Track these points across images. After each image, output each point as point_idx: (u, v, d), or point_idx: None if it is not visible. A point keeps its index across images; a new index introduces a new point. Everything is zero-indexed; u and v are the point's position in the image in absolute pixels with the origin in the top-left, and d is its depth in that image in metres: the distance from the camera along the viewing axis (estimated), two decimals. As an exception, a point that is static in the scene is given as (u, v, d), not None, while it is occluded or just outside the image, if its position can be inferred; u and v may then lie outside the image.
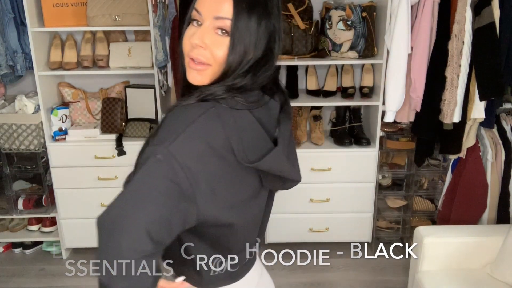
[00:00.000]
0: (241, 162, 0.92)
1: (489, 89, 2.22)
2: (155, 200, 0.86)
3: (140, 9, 2.51)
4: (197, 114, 0.91)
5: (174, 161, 0.86)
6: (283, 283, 2.62)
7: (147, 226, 0.85)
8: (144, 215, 0.85)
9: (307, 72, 2.82)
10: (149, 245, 0.85)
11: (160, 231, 0.87)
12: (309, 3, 2.61)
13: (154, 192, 0.86)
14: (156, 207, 0.86)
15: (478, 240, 2.05)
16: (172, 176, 0.86)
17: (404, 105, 2.44)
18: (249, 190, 1.00)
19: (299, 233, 2.80)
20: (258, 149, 0.96)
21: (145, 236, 0.85)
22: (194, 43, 0.94)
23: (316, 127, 2.79)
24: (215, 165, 0.91)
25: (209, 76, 0.96)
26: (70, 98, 2.77)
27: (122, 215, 0.86)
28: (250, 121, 0.96)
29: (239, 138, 0.92)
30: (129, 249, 0.85)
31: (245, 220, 1.03)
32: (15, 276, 2.73)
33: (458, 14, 2.18)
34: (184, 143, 0.88)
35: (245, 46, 0.93)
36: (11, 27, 2.54)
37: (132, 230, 0.85)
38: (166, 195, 0.86)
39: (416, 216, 2.82)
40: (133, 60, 2.65)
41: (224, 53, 0.94)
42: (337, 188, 2.73)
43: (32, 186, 2.83)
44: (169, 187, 0.86)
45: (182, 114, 0.93)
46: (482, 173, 2.38)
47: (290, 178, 1.05)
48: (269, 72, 0.99)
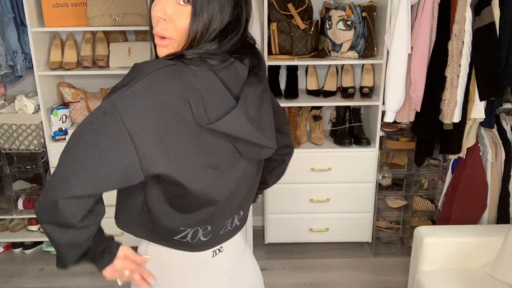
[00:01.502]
0: (199, 123, 0.89)
1: (489, 89, 2.22)
2: (92, 152, 0.88)
3: (140, 9, 2.52)
4: (151, 69, 0.88)
5: (116, 114, 0.86)
6: (283, 283, 2.62)
7: (82, 177, 0.88)
8: (81, 168, 0.88)
9: (307, 72, 2.82)
10: (83, 191, 0.89)
11: (96, 184, 0.89)
12: (309, 3, 2.62)
13: (93, 143, 0.87)
14: (93, 160, 0.88)
15: (478, 240, 2.05)
16: (114, 129, 0.86)
17: (404, 105, 2.44)
18: (219, 157, 0.97)
19: (299, 233, 2.81)
20: (220, 110, 0.91)
21: (81, 185, 0.89)
22: (157, 16, 0.94)
23: (316, 127, 2.79)
24: (165, 121, 0.88)
25: (175, 48, 0.95)
26: (70, 98, 2.77)
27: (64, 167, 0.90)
28: (213, 81, 0.92)
29: (199, 98, 0.89)
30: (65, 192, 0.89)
31: (215, 188, 1.00)
32: (15, 276, 2.73)
33: (458, 14, 2.18)
34: (131, 97, 0.86)
35: (208, 14, 0.91)
36: (11, 27, 2.54)
37: (69, 179, 0.89)
38: (105, 148, 0.87)
39: (416, 216, 2.82)
40: (133, 60, 2.64)
41: (186, 23, 0.92)
42: (337, 188, 2.73)
43: (32, 186, 2.83)
44: (109, 140, 0.87)
45: (138, 67, 0.90)
46: (482, 173, 2.38)
47: (258, 143, 0.98)
48: (236, 38, 0.96)
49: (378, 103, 2.58)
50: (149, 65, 0.89)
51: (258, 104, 1.00)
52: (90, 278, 2.64)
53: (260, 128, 0.99)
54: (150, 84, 0.87)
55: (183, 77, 0.89)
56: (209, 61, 0.92)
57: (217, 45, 0.93)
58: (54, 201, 0.89)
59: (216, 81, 0.92)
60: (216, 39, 0.93)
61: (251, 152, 1.02)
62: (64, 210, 0.90)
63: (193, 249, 1.08)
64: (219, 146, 0.95)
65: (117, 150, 0.88)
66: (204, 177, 0.96)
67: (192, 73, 0.89)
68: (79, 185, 0.89)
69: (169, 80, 0.88)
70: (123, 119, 0.86)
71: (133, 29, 2.71)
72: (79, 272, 2.70)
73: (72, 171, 0.89)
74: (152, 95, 0.86)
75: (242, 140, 0.97)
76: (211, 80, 0.91)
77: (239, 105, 0.93)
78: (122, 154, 0.88)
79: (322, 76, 2.85)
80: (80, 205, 0.91)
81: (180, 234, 1.04)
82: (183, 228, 1.03)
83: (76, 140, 0.90)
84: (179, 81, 0.88)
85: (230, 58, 0.96)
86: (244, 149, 0.99)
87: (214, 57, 0.93)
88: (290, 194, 2.74)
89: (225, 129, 0.92)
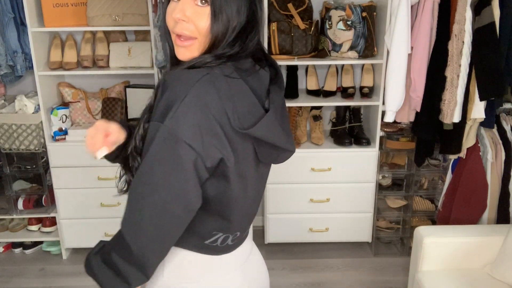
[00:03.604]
0: (236, 128, 0.92)
1: (489, 89, 2.21)
2: (170, 180, 0.90)
3: (140, 9, 2.51)
4: (192, 82, 0.90)
5: (176, 137, 0.88)
6: (283, 283, 2.62)
7: (167, 207, 0.91)
8: (161, 198, 0.90)
9: (307, 72, 2.82)
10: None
11: (181, 204, 0.92)
12: (309, 3, 2.62)
13: (168, 171, 0.90)
14: (171, 186, 0.90)
15: (478, 240, 2.05)
16: (180, 152, 0.89)
17: (404, 105, 2.44)
18: (246, 164, 1.00)
19: (299, 233, 2.80)
20: (251, 117, 0.95)
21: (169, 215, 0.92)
22: (176, 17, 0.95)
23: (316, 127, 2.79)
24: (213, 129, 0.91)
25: (197, 50, 0.97)
26: (70, 98, 2.77)
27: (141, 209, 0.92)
28: (243, 89, 0.95)
29: (233, 105, 0.92)
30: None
31: (246, 191, 1.04)
32: (15, 276, 2.73)
33: (458, 14, 2.18)
34: (183, 117, 0.88)
35: (227, 13, 0.93)
36: (11, 27, 2.54)
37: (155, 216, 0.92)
38: (179, 172, 0.90)
39: (416, 216, 2.82)
40: (133, 60, 2.65)
41: (207, 24, 0.94)
42: (337, 188, 2.73)
43: (32, 186, 2.83)
44: (180, 164, 0.89)
45: (177, 83, 0.92)
46: (482, 173, 2.38)
47: (284, 147, 1.04)
48: (256, 38, 1.00)
49: (378, 103, 2.58)
50: (187, 80, 0.91)
51: (281, 110, 1.06)
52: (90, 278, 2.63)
53: (286, 133, 1.05)
54: (196, 99, 0.89)
55: (219, 86, 0.92)
56: (236, 66, 0.96)
57: (239, 47, 0.97)
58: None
59: (246, 88, 0.96)
60: (238, 41, 0.96)
61: (270, 157, 1.06)
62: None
63: (219, 252, 1.09)
64: (245, 151, 0.99)
65: (188, 166, 0.90)
66: (238, 182, 1.00)
67: (225, 81, 0.93)
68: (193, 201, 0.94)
69: (209, 89, 0.91)
70: (184, 139, 0.89)
71: (133, 29, 2.70)
72: (79, 272, 2.71)
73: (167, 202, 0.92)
74: (200, 109, 0.89)
75: (267, 145, 1.01)
76: (242, 87, 0.95)
77: (271, 111, 0.98)
78: (191, 169, 0.91)
79: (322, 76, 2.85)
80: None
81: (211, 238, 1.06)
82: (215, 232, 1.05)
83: (151, 175, 0.92)
84: (216, 90, 0.91)
85: (256, 65, 1.01)
86: (264, 154, 1.03)
87: (241, 62, 0.98)
88: (290, 194, 2.74)
89: (259, 133, 0.96)
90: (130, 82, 2.85)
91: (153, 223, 0.92)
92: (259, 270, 1.25)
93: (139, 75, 2.75)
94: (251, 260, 1.20)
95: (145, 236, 0.93)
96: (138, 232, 0.93)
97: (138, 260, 0.93)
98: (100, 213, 2.73)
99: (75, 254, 2.87)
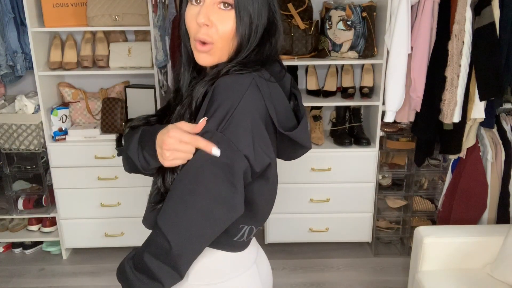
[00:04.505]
0: (280, 130, 0.98)
1: (489, 89, 2.22)
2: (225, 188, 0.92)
3: (140, 9, 2.51)
4: (243, 89, 0.93)
5: (232, 146, 0.91)
6: (283, 283, 2.62)
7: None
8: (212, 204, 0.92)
9: (307, 72, 2.82)
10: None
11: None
12: (309, 3, 2.62)
13: (219, 175, 0.91)
14: (220, 191, 0.92)
15: (478, 240, 2.05)
16: (233, 160, 0.91)
17: (404, 105, 2.44)
18: (274, 160, 1.04)
19: (299, 233, 2.81)
20: (287, 119, 1.01)
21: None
22: (201, 22, 0.95)
23: (316, 127, 2.79)
24: (262, 132, 0.95)
25: (217, 54, 0.98)
26: (70, 98, 2.77)
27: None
28: (279, 92, 1.00)
29: (275, 108, 0.97)
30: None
31: (277, 186, 1.09)
32: (15, 276, 2.73)
33: (458, 14, 2.18)
34: (236, 126, 0.91)
35: (249, 15, 0.95)
36: (11, 27, 2.54)
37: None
38: (230, 178, 0.91)
39: (416, 216, 2.82)
40: (133, 60, 2.65)
41: (229, 28, 0.95)
42: (337, 188, 2.73)
43: (32, 186, 2.83)
44: (231, 171, 0.91)
45: (228, 90, 0.93)
46: (482, 173, 2.38)
47: (305, 146, 1.09)
48: (280, 40, 1.03)
49: (378, 103, 2.58)
50: (238, 84, 0.93)
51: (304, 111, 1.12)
52: (90, 278, 2.65)
53: (308, 132, 1.12)
54: (248, 105, 0.93)
55: (263, 90, 0.96)
56: (272, 70, 1.00)
57: (269, 49, 1.00)
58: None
59: (281, 91, 1.01)
60: (266, 43, 1.00)
61: (289, 155, 1.14)
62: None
63: (241, 248, 1.11)
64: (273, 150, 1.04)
65: (239, 174, 0.92)
66: (274, 181, 1.07)
67: (266, 85, 0.96)
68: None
69: (257, 94, 0.95)
70: (238, 147, 0.91)
71: (133, 29, 2.71)
72: (79, 272, 2.71)
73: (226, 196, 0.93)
74: (252, 115, 0.93)
75: (297, 145, 1.06)
76: (279, 91, 1.00)
77: (304, 115, 1.05)
78: (240, 177, 0.93)
79: (322, 76, 2.85)
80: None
81: (239, 233, 1.07)
82: (242, 225, 1.06)
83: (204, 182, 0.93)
84: (261, 95, 0.95)
85: (282, 70, 1.06)
86: (283, 150, 1.08)
87: (273, 66, 1.02)
88: (290, 194, 2.74)
89: (297, 136, 1.02)
90: (130, 82, 2.85)
91: (197, 224, 0.93)
92: (267, 265, 1.27)
93: (139, 75, 2.75)
94: (260, 255, 1.22)
95: (186, 235, 0.93)
96: (180, 230, 0.93)
97: (174, 259, 0.93)
98: (100, 213, 2.74)
99: (75, 254, 2.87)
